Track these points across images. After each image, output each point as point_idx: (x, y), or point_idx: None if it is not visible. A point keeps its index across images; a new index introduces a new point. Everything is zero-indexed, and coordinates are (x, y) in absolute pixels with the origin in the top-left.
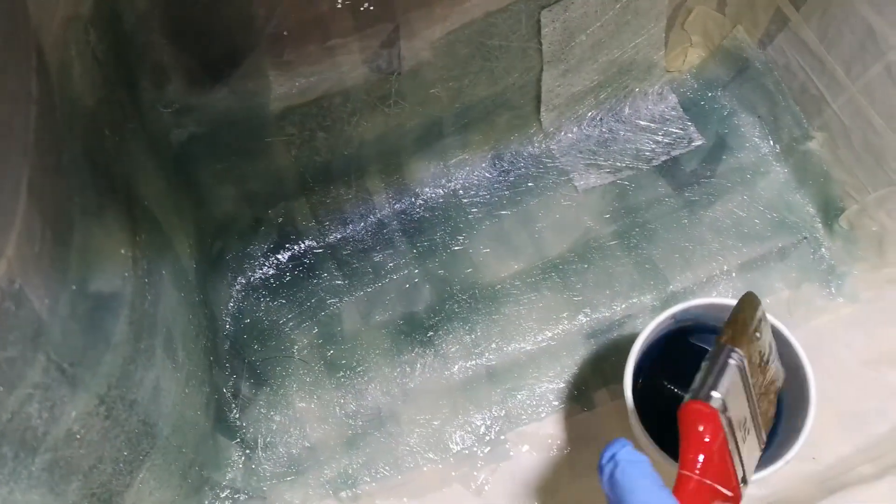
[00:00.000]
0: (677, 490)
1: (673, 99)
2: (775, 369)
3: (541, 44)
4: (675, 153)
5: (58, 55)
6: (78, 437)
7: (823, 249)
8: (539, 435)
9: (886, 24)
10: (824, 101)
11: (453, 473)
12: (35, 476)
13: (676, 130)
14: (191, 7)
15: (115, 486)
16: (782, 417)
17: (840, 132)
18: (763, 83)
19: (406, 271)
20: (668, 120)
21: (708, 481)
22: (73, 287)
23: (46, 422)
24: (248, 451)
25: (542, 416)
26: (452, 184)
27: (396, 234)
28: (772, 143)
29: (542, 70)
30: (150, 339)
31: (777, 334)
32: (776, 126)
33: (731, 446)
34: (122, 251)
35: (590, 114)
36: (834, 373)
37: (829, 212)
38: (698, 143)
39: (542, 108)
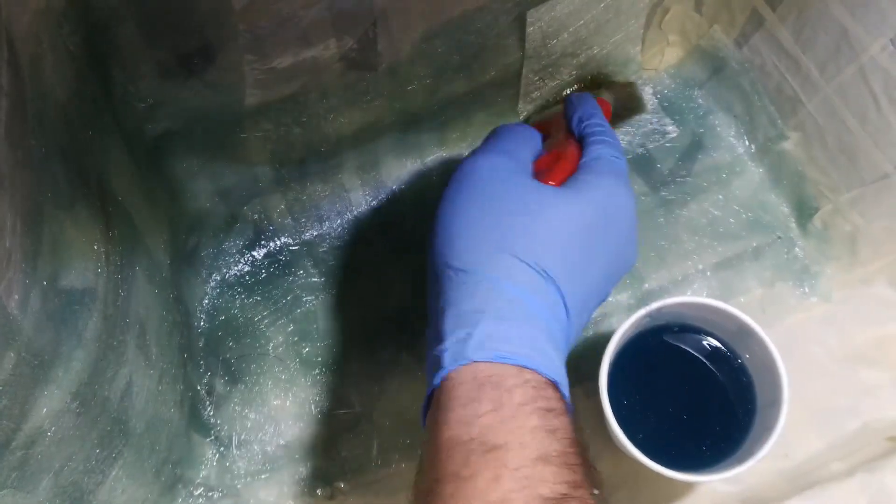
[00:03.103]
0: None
1: (648, 91)
2: None
3: (520, 41)
4: (650, 146)
5: (29, 48)
6: (49, 434)
7: (797, 249)
8: None
9: (860, 26)
10: (799, 101)
11: None
12: (4, 474)
13: (650, 122)
14: (165, 0)
15: (87, 484)
16: (756, 415)
17: (814, 132)
18: (739, 83)
19: (382, 269)
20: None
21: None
22: (44, 282)
23: (16, 419)
24: (222, 449)
25: None
26: (430, 181)
27: (373, 231)
28: (747, 142)
29: (520, 67)
30: (123, 336)
31: (751, 333)
32: (752, 126)
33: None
34: (95, 246)
35: None
36: (807, 371)
37: (804, 211)
38: (673, 135)
39: (521, 101)
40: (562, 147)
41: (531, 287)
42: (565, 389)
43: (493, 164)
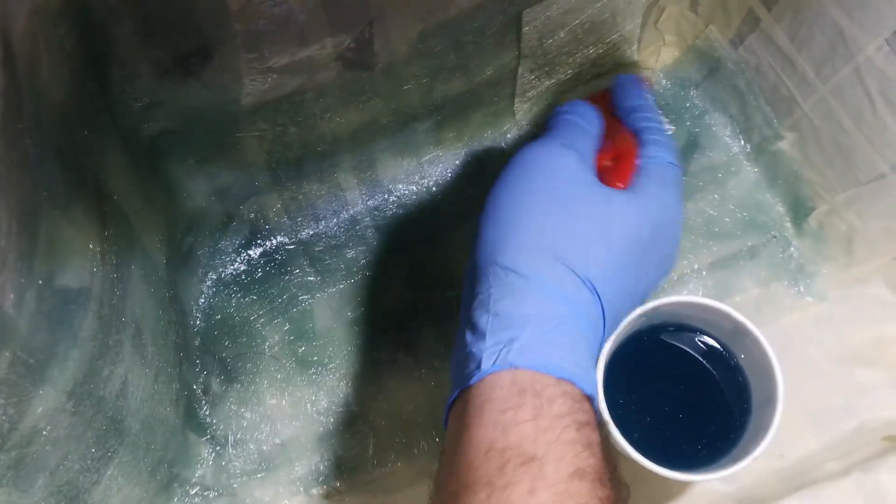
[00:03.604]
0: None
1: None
2: None
3: (517, 40)
4: None
5: (26, 48)
6: (44, 433)
7: (793, 248)
8: None
9: (856, 27)
10: (795, 101)
11: (424, 471)
12: (0, 473)
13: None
14: (162, 0)
15: (83, 483)
16: (751, 414)
17: (810, 132)
18: (735, 83)
19: (379, 268)
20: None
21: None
22: (40, 282)
23: (12, 418)
24: (218, 448)
25: None
26: (426, 181)
27: (369, 230)
28: (743, 142)
29: (517, 66)
30: (119, 335)
31: (746, 333)
32: (747, 126)
33: None
34: (91, 246)
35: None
36: (802, 370)
37: (799, 211)
38: (668, 133)
39: (517, 100)
40: (621, 142)
41: (579, 299)
42: (597, 404)
43: (558, 160)
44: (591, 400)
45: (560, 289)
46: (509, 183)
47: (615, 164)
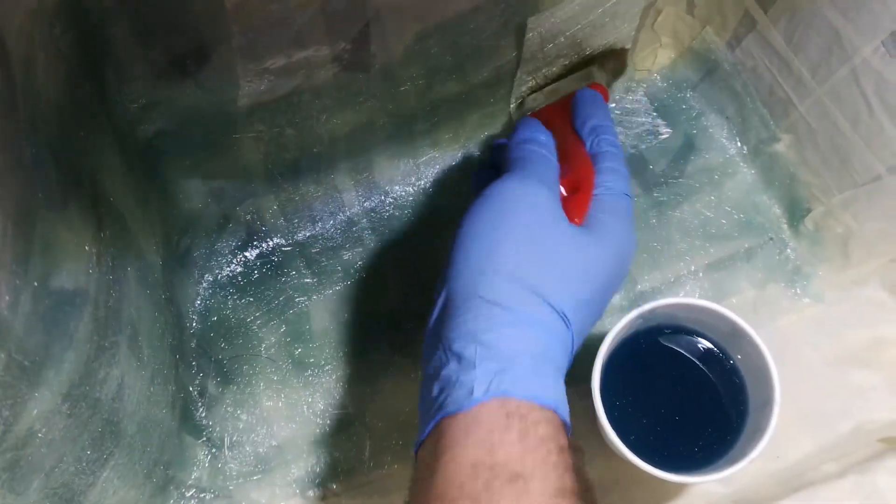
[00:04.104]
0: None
1: (640, 92)
2: None
3: (514, 42)
4: (642, 146)
5: (21, 48)
6: (39, 435)
7: (789, 250)
8: None
9: (852, 28)
10: (791, 103)
11: None
12: None
13: (643, 122)
14: (158, 0)
15: (78, 486)
16: (748, 416)
17: (806, 134)
18: (731, 85)
19: (375, 270)
20: (634, 112)
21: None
22: (35, 283)
23: (7, 420)
24: (214, 450)
25: None
26: (423, 182)
27: (366, 232)
28: (739, 144)
29: (514, 68)
30: (115, 337)
31: (743, 334)
32: (744, 127)
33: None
34: (86, 247)
35: None
36: (798, 372)
37: (795, 213)
38: (665, 136)
39: (513, 102)
40: (578, 169)
41: (556, 331)
42: (571, 432)
43: (535, 197)
44: (567, 428)
45: (540, 322)
46: (486, 216)
47: (572, 196)
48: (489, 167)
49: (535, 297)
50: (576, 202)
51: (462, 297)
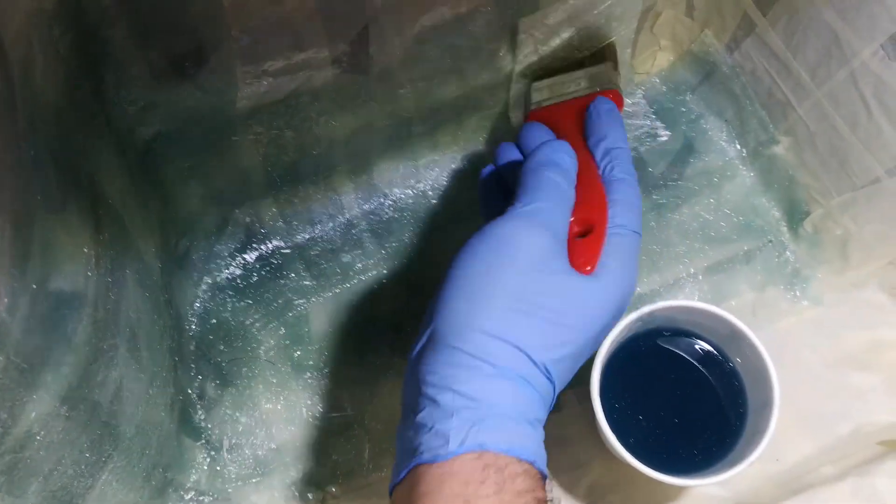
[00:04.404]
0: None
1: (639, 95)
2: None
3: (512, 45)
4: (641, 149)
5: (20, 50)
6: (38, 438)
7: (788, 253)
8: None
9: (851, 31)
10: (790, 105)
11: None
12: None
13: (642, 125)
14: (156, 2)
15: (77, 489)
16: (747, 419)
17: (805, 137)
18: (730, 87)
19: (375, 272)
20: (633, 114)
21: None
22: (34, 286)
23: (5, 423)
24: (213, 453)
25: None
26: (422, 185)
27: (365, 234)
28: (738, 146)
29: (512, 70)
30: (113, 339)
31: (742, 337)
32: (743, 130)
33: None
34: (85, 250)
35: None
36: (797, 375)
37: (795, 215)
38: (664, 138)
39: (512, 105)
40: (590, 204)
41: (537, 385)
42: (549, 484)
43: (531, 244)
44: (545, 480)
45: (520, 376)
46: (481, 260)
47: (585, 239)
48: (495, 175)
49: (518, 353)
50: (587, 246)
51: (444, 342)
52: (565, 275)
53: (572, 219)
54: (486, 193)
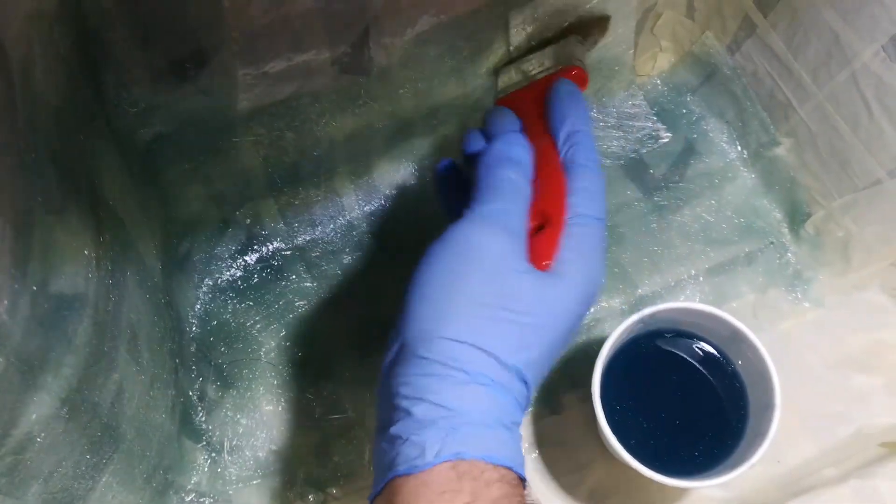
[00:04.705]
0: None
1: (640, 96)
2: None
3: (507, 43)
4: (643, 150)
5: (20, 52)
6: (38, 440)
7: (790, 254)
8: None
9: (852, 32)
10: (791, 107)
11: None
12: None
13: (643, 127)
14: (157, 4)
15: (77, 490)
16: (748, 421)
17: (807, 138)
18: (731, 89)
19: (375, 273)
20: (635, 116)
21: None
22: (34, 287)
23: (5, 424)
24: (213, 455)
25: None
26: (422, 185)
27: (366, 235)
28: (739, 148)
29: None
30: (114, 341)
31: (743, 339)
32: (744, 131)
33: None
34: (86, 251)
35: None
36: (799, 377)
37: (796, 217)
38: (665, 140)
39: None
40: (548, 195)
41: (510, 388)
42: (528, 486)
43: (490, 246)
44: (524, 483)
45: (492, 380)
46: (441, 268)
47: (542, 233)
48: (452, 168)
49: (487, 357)
50: (543, 241)
51: (413, 352)
52: (525, 274)
53: (531, 208)
54: (443, 188)
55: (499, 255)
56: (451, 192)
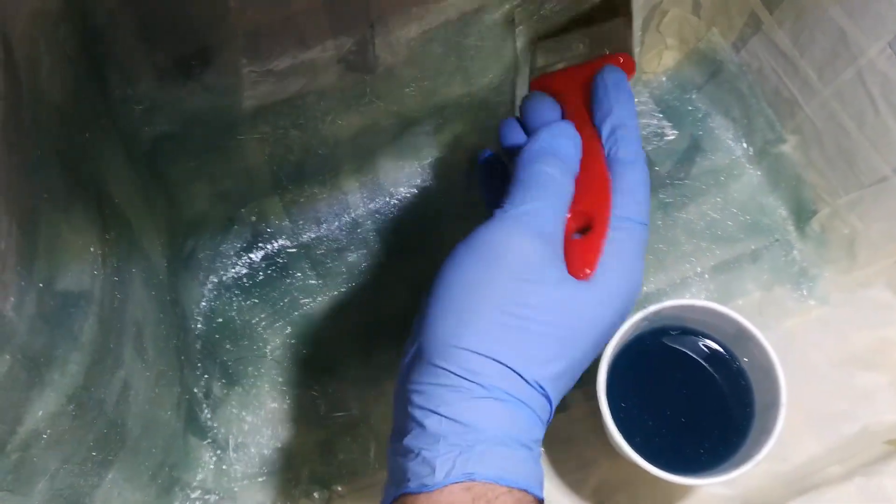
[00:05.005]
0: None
1: (646, 94)
2: None
3: (516, 42)
4: (648, 148)
5: (26, 51)
6: (44, 436)
7: (795, 252)
8: None
9: (858, 30)
10: (797, 104)
11: None
12: (0, 477)
13: (649, 124)
14: (161, 3)
15: (83, 487)
16: (754, 418)
17: (812, 135)
18: (737, 86)
19: (380, 271)
20: (640, 113)
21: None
22: (40, 285)
23: (12, 422)
24: (219, 452)
25: None
26: (427, 183)
27: (371, 233)
28: (745, 145)
29: (517, 69)
30: (120, 339)
31: (749, 336)
32: (749, 129)
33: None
34: (91, 249)
35: None
36: (804, 374)
37: (802, 214)
38: (671, 137)
39: (518, 103)
40: (592, 196)
41: (531, 404)
42: None
43: (519, 252)
44: (541, 503)
45: (512, 396)
46: (463, 270)
47: (583, 238)
48: (494, 159)
49: (506, 371)
50: (585, 247)
51: (430, 359)
52: (559, 283)
53: (569, 214)
54: (486, 179)
55: (529, 261)
56: (493, 184)
